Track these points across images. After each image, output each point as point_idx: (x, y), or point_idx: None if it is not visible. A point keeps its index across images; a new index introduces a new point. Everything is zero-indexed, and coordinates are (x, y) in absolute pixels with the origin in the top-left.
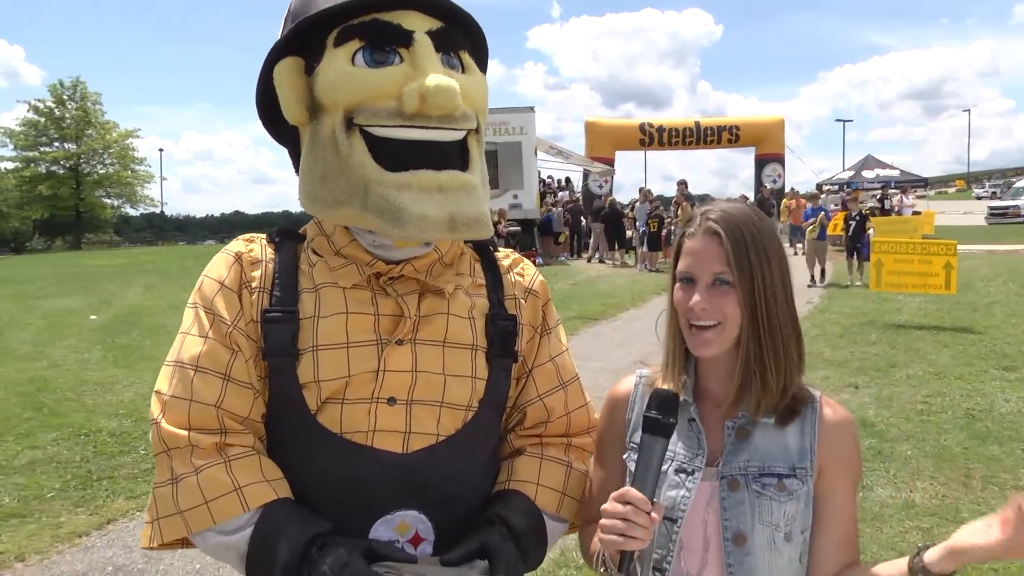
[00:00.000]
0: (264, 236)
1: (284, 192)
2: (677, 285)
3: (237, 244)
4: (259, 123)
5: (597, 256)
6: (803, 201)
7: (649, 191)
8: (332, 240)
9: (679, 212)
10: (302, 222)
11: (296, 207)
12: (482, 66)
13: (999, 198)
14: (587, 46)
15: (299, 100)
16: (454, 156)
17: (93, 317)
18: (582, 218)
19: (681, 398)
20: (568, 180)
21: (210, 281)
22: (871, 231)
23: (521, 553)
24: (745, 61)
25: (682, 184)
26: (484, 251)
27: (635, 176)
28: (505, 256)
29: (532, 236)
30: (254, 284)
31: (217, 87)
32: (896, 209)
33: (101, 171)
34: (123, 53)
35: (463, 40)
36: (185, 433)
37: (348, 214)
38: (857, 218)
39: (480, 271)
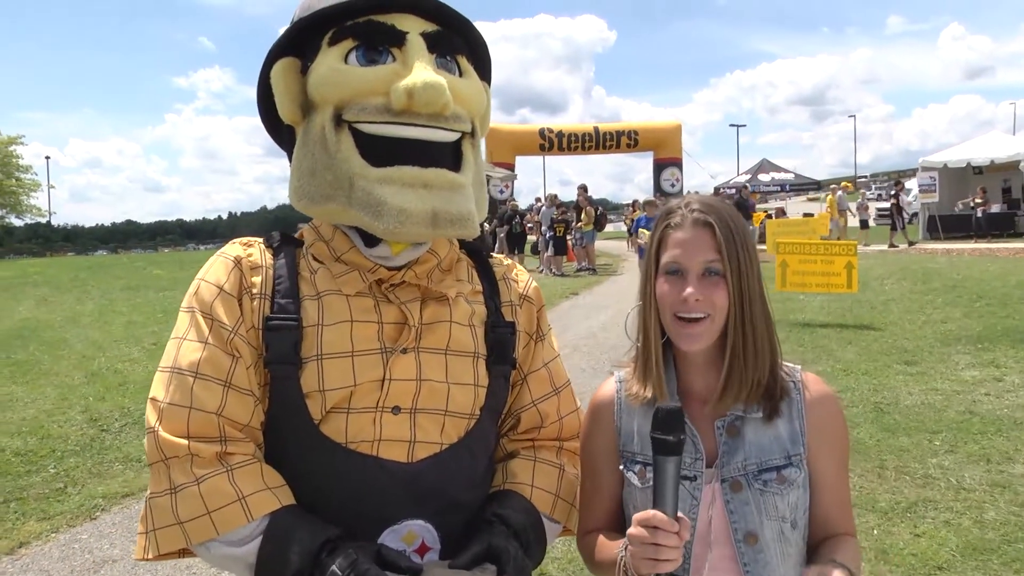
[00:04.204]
0: (261, 240)
1: (177, 200)
2: (662, 279)
3: (235, 248)
4: (149, 129)
5: None
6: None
7: (555, 196)
8: (332, 246)
9: (583, 215)
10: (199, 230)
11: (190, 215)
12: (484, 74)
13: (885, 200)
14: None
15: (293, 99)
16: (445, 156)
17: None
18: (484, 224)
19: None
20: None
21: (208, 285)
22: None
23: (523, 550)
24: (639, 67)
25: (582, 188)
26: (479, 257)
27: (533, 181)
28: (499, 262)
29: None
30: (255, 290)
31: (103, 92)
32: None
33: None
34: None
35: (461, 45)
36: (184, 442)
37: (333, 209)
38: None
39: (476, 277)
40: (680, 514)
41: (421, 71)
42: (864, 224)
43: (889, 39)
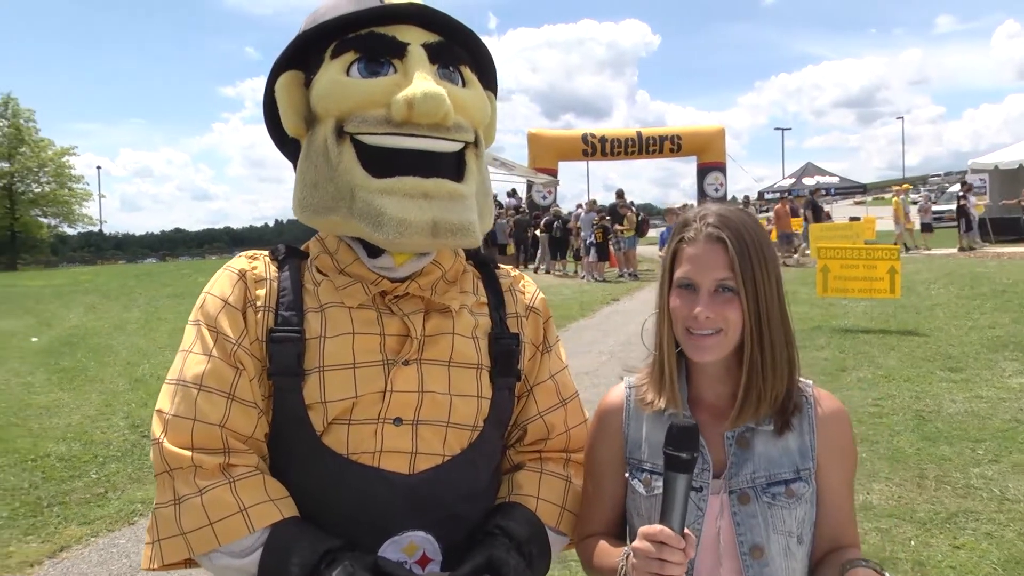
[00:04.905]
0: (267, 253)
1: (225, 208)
2: (674, 292)
3: (240, 261)
4: (197, 139)
5: (544, 267)
6: (787, 206)
7: (594, 201)
8: (336, 258)
9: (625, 221)
10: (247, 238)
11: (237, 223)
12: (489, 83)
13: (934, 203)
14: (525, 57)
15: (297, 112)
16: (448, 166)
17: (34, 339)
18: (528, 229)
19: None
20: (514, 191)
21: (213, 299)
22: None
23: (526, 562)
24: (683, 71)
25: (619, 194)
26: (485, 268)
27: (577, 187)
28: (505, 273)
29: (478, 247)
30: (259, 303)
31: (152, 103)
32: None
33: (37, 190)
34: (54, 69)
35: (463, 55)
36: (188, 453)
37: (335, 221)
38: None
39: (482, 289)
40: (687, 531)
41: (421, 82)
42: (927, 227)
43: (939, 39)
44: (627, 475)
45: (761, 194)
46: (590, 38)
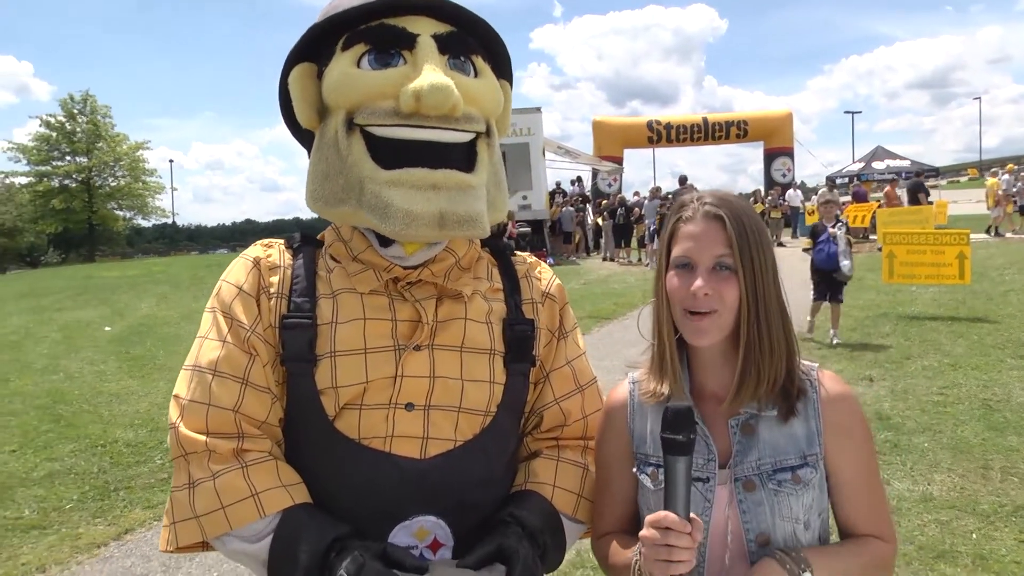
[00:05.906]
0: (282, 241)
1: (294, 199)
2: (671, 272)
3: (255, 249)
4: (266, 131)
5: (608, 254)
6: (895, 188)
7: (658, 188)
8: (350, 246)
9: None
10: (315, 228)
11: (306, 214)
12: (502, 72)
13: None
14: (591, 45)
15: (310, 104)
16: (458, 157)
17: (108, 328)
18: (588, 213)
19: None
20: (579, 179)
21: (228, 286)
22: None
23: (539, 552)
24: (751, 55)
25: (683, 180)
26: (501, 255)
27: (644, 174)
28: (522, 260)
29: (542, 236)
30: (272, 290)
31: (223, 97)
32: None
33: (113, 183)
34: (128, 66)
35: (475, 45)
36: (203, 438)
37: (346, 212)
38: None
39: (497, 276)
40: (693, 515)
41: (429, 73)
42: None
43: (1022, 14)
44: (635, 470)
45: (831, 179)
46: (656, 24)
